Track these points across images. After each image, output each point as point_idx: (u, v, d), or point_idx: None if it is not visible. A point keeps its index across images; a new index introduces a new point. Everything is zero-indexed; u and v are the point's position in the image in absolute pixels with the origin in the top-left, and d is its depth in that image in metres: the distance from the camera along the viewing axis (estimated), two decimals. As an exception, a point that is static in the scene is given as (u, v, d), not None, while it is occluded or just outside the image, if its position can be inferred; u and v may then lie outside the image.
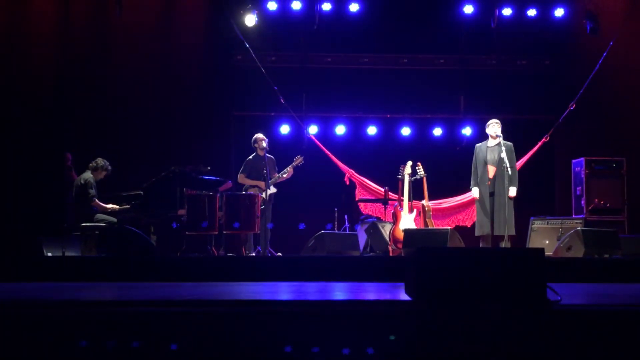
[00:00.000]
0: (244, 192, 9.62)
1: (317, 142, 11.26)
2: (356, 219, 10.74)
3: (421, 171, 9.87)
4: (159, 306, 4.08)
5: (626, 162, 10.40)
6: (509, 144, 9.11)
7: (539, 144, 11.01)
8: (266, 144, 9.76)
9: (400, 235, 9.19)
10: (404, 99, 11.78)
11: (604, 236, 8.44)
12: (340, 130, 11.73)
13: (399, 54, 11.91)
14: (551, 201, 11.63)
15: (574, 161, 10.62)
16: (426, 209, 9.74)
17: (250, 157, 9.89)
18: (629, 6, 11.19)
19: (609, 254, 8.13)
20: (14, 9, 10.49)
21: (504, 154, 8.81)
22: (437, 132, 11.80)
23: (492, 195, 9.00)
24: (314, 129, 11.56)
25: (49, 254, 8.40)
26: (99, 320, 3.76)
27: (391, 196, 10.26)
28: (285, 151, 10.44)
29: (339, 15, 11.53)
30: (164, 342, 3.69)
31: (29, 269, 6.80)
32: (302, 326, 3.76)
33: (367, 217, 10.66)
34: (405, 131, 11.77)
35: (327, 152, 11.19)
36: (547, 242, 9.45)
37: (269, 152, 9.84)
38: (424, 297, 4.09)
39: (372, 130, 11.78)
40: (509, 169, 8.78)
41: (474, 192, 9.15)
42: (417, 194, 9.86)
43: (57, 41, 10.67)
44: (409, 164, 9.92)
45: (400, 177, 9.90)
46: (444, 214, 10.98)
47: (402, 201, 9.77)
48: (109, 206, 9.09)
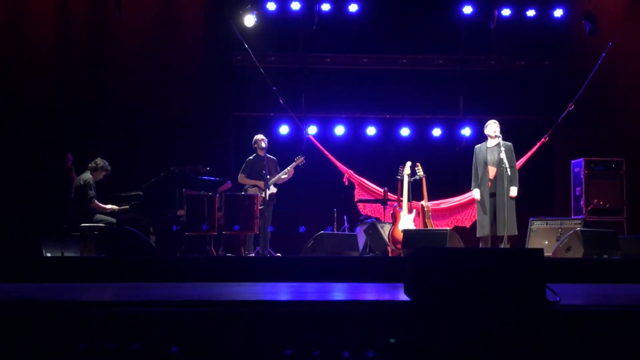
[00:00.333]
0: (243, 193, 9.62)
1: (316, 142, 11.26)
2: (355, 219, 10.74)
3: (420, 172, 9.87)
4: (158, 307, 4.08)
5: (625, 162, 10.40)
6: (509, 144, 9.11)
7: (538, 145, 11.01)
8: (265, 144, 9.77)
9: (399, 235, 9.19)
10: (403, 99, 11.77)
11: (603, 237, 8.44)
12: (339, 130, 11.72)
13: (398, 54, 11.90)
14: (550, 202, 11.63)
15: (573, 162, 10.63)
16: (425, 209, 9.74)
17: (250, 158, 9.90)
18: (628, 7, 11.20)
19: (608, 255, 8.14)
20: (13, 9, 10.49)
21: (503, 155, 8.81)
22: (436, 132, 11.80)
23: (493, 196, 8.99)
24: (313, 130, 11.55)
25: (48, 255, 8.39)
26: (98, 320, 3.77)
27: (390, 197, 10.27)
28: (284, 151, 10.44)
29: (338, 15, 11.53)
30: (163, 343, 3.69)
31: (28, 270, 6.79)
32: (301, 327, 3.76)
33: (366, 217, 10.66)
34: (404, 132, 11.77)
35: (326, 153, 11.18)
36: (547, 242, 9.46)
37: (270, 152, 9.85)
38: (423, 298, 4.09)
39: (371, 130, 11.77)
40: (509, 169, 8.76)
41: (475, 193, 9.14)
42: (416, 194, 9.86)
43: (57, 41, 10.67)
44: (408, 164, 9.92)
45: (399, 177, 9.90)
46: (443, 214, 10.98)
47: (402, 202, 9.77)
48: (108, 207, 9.10)
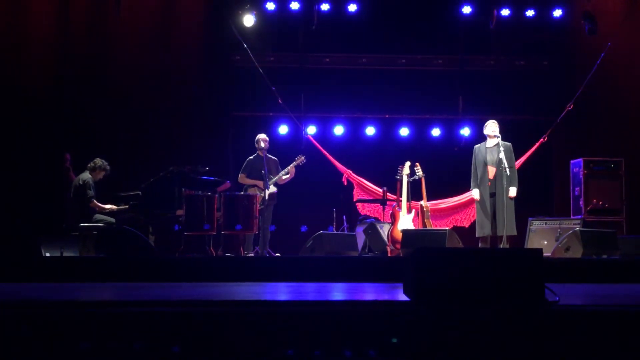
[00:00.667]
0: (242, 192, 9.62)
1: (314, 142, 11.26)
2: (354, 219, 10.74)
3: (419, 172, 9.87)
4: (157, 306, 4.07)
5: (624, 162, 10.41)
6: (508, 144, 9.10)
7: (537, 145, 11.02)
8: (265, 144, 9.75)
9: (398, 235, 9.19)
10: (403, 99, 11.78)
11: (602, 237, 8.45)
12: (338, 130, 11.72)
13: (398, 54, 11.91)
14: (549, 202, 11.64)
15: (573, 162, 10.63)
16: (424, 209, 9.75)
17: (251, 157, 9.88)
18: (627, 7, 11.20)
19: (607, 255, 8.15)
20: (12, 8, 10.48)
21: (503, 154, 8.81)
22: (435, 132, 11.81)
23: (493, 196, 8.98)
24: (312, 129, 11.55)
25: (47, 254, 8.38)
26: (97, 320, 3.76)
27: (389, 196, 10.27)
28: (283, 151, 10.43)
29: (337, 15, 11.54)
30: (163, 342, 3.69)
31: (27, 269, 6.78)
32: (300, 327, 3.75)
33: (365, 217, 10.66)
34: (403, 131, 11.77)
35: (325, 153, 11.18)
36: (546, 242, 9.46)
37: (269, 152, 9.83)
38: (423, 298, 4.09)
39: (370, 130, 11.78)
40: (508, 169, 8.76)
41: (474, 193, 9.13)
42: (415, 194, 9.86)
43: (56, 41, 10.66)
44: (408, 164, 9.92)
45: (398, 177, 9.90)
46: (442, 214, 10.99)
47: (401, 202, 9.77)
48: (107, 206, 9.09)
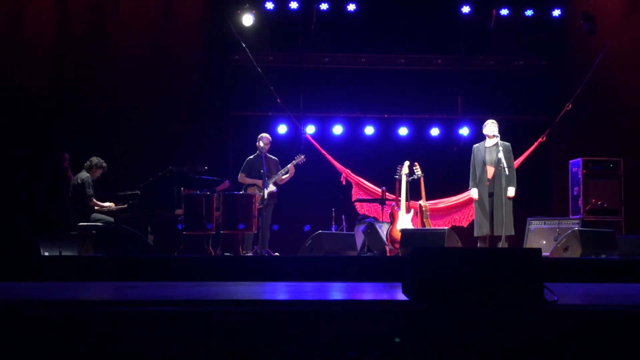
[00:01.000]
0: (242, 192, 9.61)
1: (313, 142, 11.25)
2: (353, 219, 10.73)
3: (418, 171, 9.87)
4: (156, 306, 4.07)
5: (623, 162, 10.41)
6: (507, 144, 9.10)
7: (535, 144, 11.04)
8: (264, 144, 9.73)
9: (397, 235, 9.19)
10: (402, 99, 11.77)
11: (601, 236, 8.45)
12: (337, 130, 11.72)
13: (397, 54, 11.90)
14: (548, 201, 11.65)
15: (572, 161, 10.63)
16: (423, 209, 9.74)
17: (250, 157, 9.87)
18: (626, 6, 11.20)
19: (605, 255, 8.15)
20: (11, 8, 10.48)
21: (502, 154, 8.80)
22: (434, 132, 11.81)
23: (491, 195, 8.97)
24: (311, 129, 11.55)
25: (46, 254, 8.38)
26: (97, 319, 3.76)
27: (388, 196, 10.27)
28: (283, 151, 10.42)
29: (336, 15, 11.53)
30: (161, 342, 3.69)
31: (26, 269, 6.78)
32: (299, 326, 3.75)
33: (364, 217, 10.65)
34: (402, 131, 11.77)
35: (324, 152, 11.18)
36: (545, 242, 9.47)
37: (269, 152, 9.82)
38: (421, 297, 4.09)
39: (369, 130, 11.77)
40: (507, 169, 8.76)
41: (473, 192, 9.12)
42: (414, 194, 9.86)
43: (55, 40, 10.66)
44: (407, 164, 9.91)
45: (397, 177, 9.90)
46: (440, 214, 10.99)
47: (400, 201, 9.77)
48: (106, 204, 9.09)
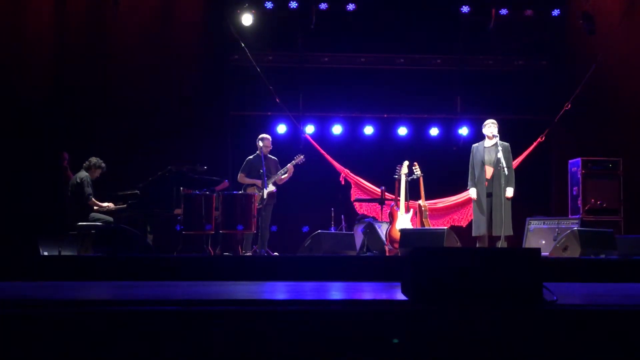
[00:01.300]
0: (241, 192, 9.61)
1: (312, 141, 11.26)
2: (353, 218, 10.74)
3: (418, 171, 9.87)
4: (155, 305, 4.07)
5: (622, 162, 10.41)
6: (506, 144, 9.10)
7: (534, 144, 11.05)
8: (263, 144, 9.72)
9: (396, 235, 9.19)
10: (401, 98, 11.78)
11: (600, 236, 8.45)
12: (337, 130, 11.72)
13: (396, 53, 11.91)
14: (548, 201, 11.65)
15: (571, 161, 10.64)
16: (423, 209, 9.74)
17: (250, 157, 9.86)
18: (625, 6, 11.20)
19: (605, 254, 8.15)
20: (10, 8, 10.46)
21: (501, 154, 8.80)
22: (433, 132, 11.81)
23: (490, 195, 8.97)
24: (310, 129, 11.55)
25: (45, 253, 8.38)
26: (96, 319, 3.76)
27: (388, 196, 10.27)
28: (282, 151, 10.41)
29: (336, 14, 11.53)
30: (160, 341, 3.69)
31: (25, 268, 6.78)
32: (298, 325, 3.75)
33: (363, 216, 10.65)
34: (402, 131, 11.78)
35: (323, 152, 11.18)
36: (544, 242, 9.47)
37: (270, 152, 9.80)
38: (420, 297, 4.09)
39: (368, 130, 11.78)
40: (505, 169, 8.76)
41: (472, 192, 9.12)
42: (413, 193, 9.86)
43: (54, 40, 10.64)
44: (406, 163, 9.91)
45: (397, 177, 9.90)
46: (439, 213, 10.99)
47: (399, 201, 9.77)
48: (105, 204, 9.09)
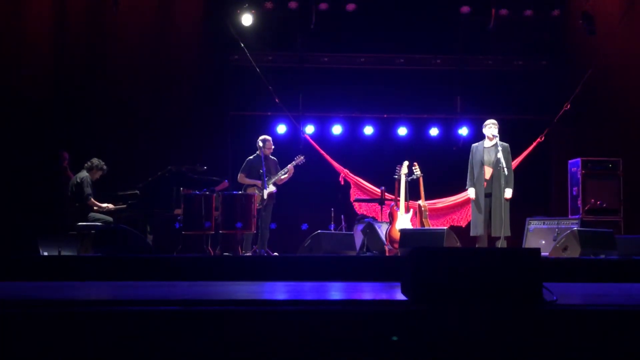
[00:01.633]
0: (241, 192, 9.60)
1: (312, 142, 11.25)
2: (352, 218, 10.73)
3: (417, 171, 9.87)
4: (155, 305, 4.07)
5: (622, 162, 10.41)
6: (506, 145, 9.08)
7: (534, 144, 11.05)
8: (266, 148, 9.68)
9: (396, 235, 9.19)
10: (401, 99, 11.78)
11: (600, 236, 8.45)
12: (336, 130, 11.72)
13: (396, 54, 11.91)
14: (547, 201, 11.66)
15: (571, 161, 10.64)
16: (422, 209, 9.74)
17: (250, 157, 9.85)
18: (625, 6, 11.20)
19: (604, 255, 8.15)
20: (10, 8, 10.47)
21: (500, 155, 8.79)
22: (433, 132, 11.81)
23: (488, 196, 8.95)
24: (310, 129, 11.55)
25: (45, 253, 8.37)
26: (95, 319, 3.76)
27: (388, 196, 10.26)
28: (282, 151, 10.39)
29: (336, 14, 11.54)
30: (160, 341, 3.69)
31: (25, 268, 6.78)
32: (298, 326, 3.75)
33: (363, 216, 10.65)
34: (401, 131, 11.78)
35: (322, 152, 11.18)
36: (544, 242, 9.46)
37: (271, 153, 9.80)
38: (420, 297, 4.09)
39: (368, 130, 11.78)
40: (505, 169, 8.75)
41: (470, 192, 9.11)
42: (413, 194, 9.86)
43: (54, 40, 10.65)
44: (406, 164, 9.91)
45: (396, 177, 9.90)
46: (439, 213, 10.99)
47: (399, 201, 9.77)
48: (105, 205, 9.09)
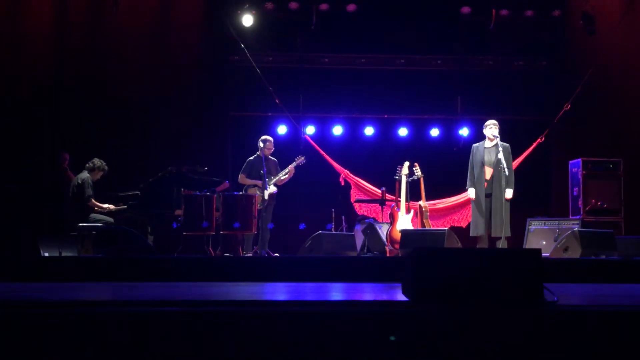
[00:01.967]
0: (241, 192, 9.60)
1: (312, 142, 11.25)
2: (353, 219, 10.73)
3: (418, 172, 9.87)
4: (156, 306, 4.07)
5: (623, 163, 10.40)
6: (506, 145, 9.08)
7: (534, 145, 11.05)
8: (267, 149, 9.68)
9: (397, 235, 9.18)
10: (401, 99, 11.78)
11: (601, 237, 8.45)
12: (337, 130, 11.72)
13: (396, 54, 11.92)
14: (548, 202, 11.65)
15: (571, 162, 10.63)
16: (423, 209, 9.74)
17: (251, 158, 9.85)
18: (625, 6, 11.20)
19: (605, 255, 8.15)
20: (11, 9, 10.47)
21: (501, 155, 8.79)
22: (434, 132, 11.82)
23: (489, 196, 8.95)
24: (311, 130, 11.55)
25: (46, 254, 8.38)
26: (96, 320, 3.76)
27: (388, 197, 10.26)
28: (282, 151, 10.40)
29: (336, 15, 11.53)
30: (160, 342, 3.69)
31: (25, 269, 6.78)
32: (299, 326, 3.75)
33: (364, 217, 10.64)
34: (402, 132, 11.78)
35: (322, 153, 11.18)
36: (544, 242, 9.47)
37: (271, 154, 9.80)
38: (421, 298, 4.09)
39: (369, 130, 11.78)
40: (506, 170, 8.75)
41: (470, 192, 9.11)
42: (414, 194, 9.86)
43: (55, 40, 10.65)
44: (406, 164, 9.91)
45: (397, 177, 9.90)
46: (440, 214, 10.99)
47: (399, 202, 9.77)
48: (105, 206, 9.09)
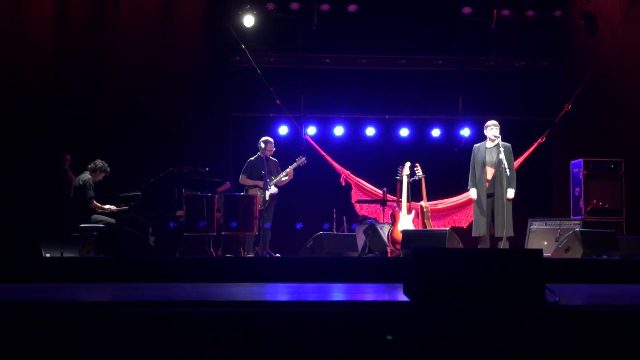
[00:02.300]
0: (242, 193, 9.60)
1: (313, 143, 11.25)
2: (354, 220, 10.73)
3: (419, 172, 9.87)
4: (157, 307, 4.07)
5: (624, 163, 10.38)
6: (508, 145, 9.08)
7: (535, 145, 11.04)
8: (268, 150, 9.68)
9: (398, 236, 9.18)
10: (403, 100, 11.79)
11: (602, 237, 8.45)
12: (338, 131, 11.73)
13: (398, 54, 11.92)
14: (549, 202, 11.65)
15: (573, 162, 10.62)
16: (424, 210, 9.74)
17: (251, 158, 9.85)
18: (626, 7, 11.19)
19: (607, 255, 8.15)
20: (11, 9, 10.48)
21: (502, 155, 8.79)
22: (435, 133, 11.82)
23: (490, 196, 8.96)
24: (312, 130, 11.56)
25: (47, 255, 8.38)
26: (97, 320, 3.76)
27: (390, 197, 10.26)
28: (283, 152, 10.41)
29: (337, 15, 11.54)
30: (162, 343, 3.69)
31: (27, 270, 6.79)
32: (300, 327, 3.75)
33: (365, 218, 10.64)
34: (403, 132, 11.78)
35: (323, 153, 11.18)
36: (546, 243, 9.46)
37: (272, 155, 9.80)
38: (422, 298, 4.09)
39: (370, 131, 11.78)
40: (507, 170, 8.75)
41: (472, 192, 9.11)
42: (415, 194, 9.86)
43: (56, 41, 10.65)
44: (408, 165, 9.91)
45: (398, 178, 9.90)
46: (441, 214, 10.99)
47: (401, 202, 9.76)
48: (107, 207, 9.09)
